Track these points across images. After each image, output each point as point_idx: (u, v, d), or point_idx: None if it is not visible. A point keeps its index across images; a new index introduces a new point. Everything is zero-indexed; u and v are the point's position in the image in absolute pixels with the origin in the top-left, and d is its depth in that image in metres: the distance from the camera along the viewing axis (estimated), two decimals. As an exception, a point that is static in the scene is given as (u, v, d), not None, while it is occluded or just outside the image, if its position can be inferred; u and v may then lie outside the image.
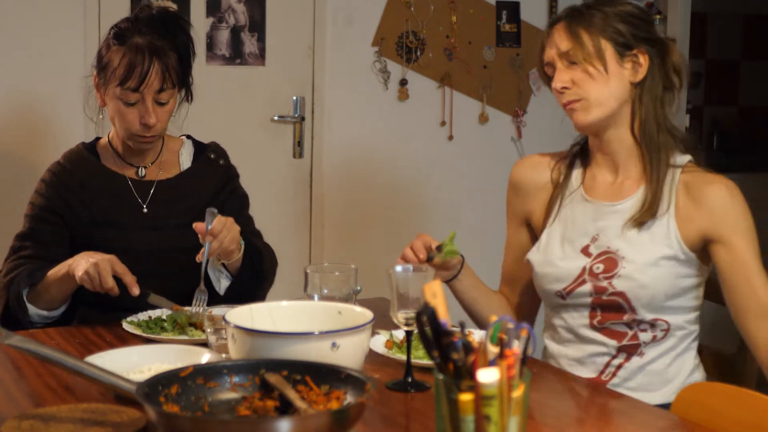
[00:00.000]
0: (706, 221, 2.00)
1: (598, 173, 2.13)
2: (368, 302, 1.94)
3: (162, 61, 2.25)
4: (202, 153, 2.48)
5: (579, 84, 2.03)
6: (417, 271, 1.76)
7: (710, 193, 2.01)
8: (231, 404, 1.46)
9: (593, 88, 2.02)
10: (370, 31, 3.96)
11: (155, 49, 2.24)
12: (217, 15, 3.73)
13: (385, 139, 4.04)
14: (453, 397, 1.21)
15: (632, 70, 2.03)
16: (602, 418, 1.72)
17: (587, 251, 2.07)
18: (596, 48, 2.01)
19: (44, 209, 2.33)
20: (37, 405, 1.63)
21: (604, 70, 2.01)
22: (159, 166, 2.42)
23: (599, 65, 2.01)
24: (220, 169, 2.47)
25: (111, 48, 2.28)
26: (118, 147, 2.40)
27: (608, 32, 2.01)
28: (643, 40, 2.03)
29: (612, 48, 2.02)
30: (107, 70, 2.27)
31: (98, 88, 2.33)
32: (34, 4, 3.45)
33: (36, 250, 2.30)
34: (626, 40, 2.02)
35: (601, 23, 2.02)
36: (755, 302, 1.97)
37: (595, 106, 2.03)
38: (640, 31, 2.04)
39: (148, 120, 2.26)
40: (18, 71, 3.45)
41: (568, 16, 2.05)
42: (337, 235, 3.97)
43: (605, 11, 2.03)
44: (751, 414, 1.67)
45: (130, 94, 2.24)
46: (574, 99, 2.04)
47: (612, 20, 2.02)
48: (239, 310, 1.70)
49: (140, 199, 2.36)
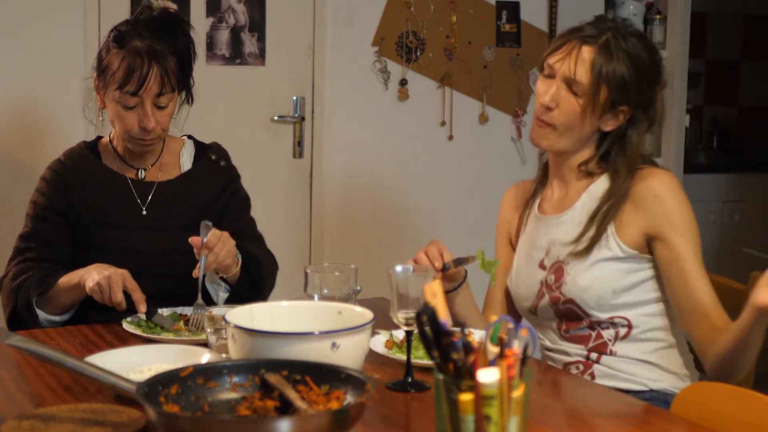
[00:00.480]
0: (643, 219, 2.02)
1: (551, 189, 2.18)
2: (368, 302, 1.94)
3: (161, 65, 2.24)
4: (204, 154, 2.47)
5: (561, 108, 2.04)
6: (417, 271, 1.76)
7: (643, 189, 2.02)
8: (231, 404, 1.46)
9: (568, 123, 2.04)
10: (370, 31, 3.96)
11: (154, 53, 2.24)
12: (217, 15, 3.73)
13: (385, 139, 4.04)
14: (453, 397, 1.21)
15: (606, 120, 2.05)
16: (602, 418, 1.72)
17: (543, 264, 2.13)
18: (603, 98, 2.01)
19: (46, 208, 2.33)
20: (37, 405, 1.63)
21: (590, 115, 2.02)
22: (159, 167, 2.42)
23: (589, 110, 2.02)
24: (221, 170, 2.47)
25: (110, 51, 2.27)
26: (118, 148, 2.40)
27: (620, 86, 2.01)
28: (635, 103, 2.04)
29: (608, 98, 2.01)
30: (107, 73, 2.27)
31: (98, 90, 2.33)
32: (34, 4, 3.45)
33: (40, 251, 2.30)
34: (624, 98, 2.02)
35: (620, 74, 2.00)
36: (693, 301, 1.98)
37: (558, 135, 2.06)
38: (640, 94, 2.03)
39: (146, 124, 2.26)
40: (18, 71, 3.45)
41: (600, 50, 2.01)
42: (337, 235, 3.97)
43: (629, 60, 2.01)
44: (751, 414, 1.67)
45: (129, 98, 2.24)
46: (548, 122, 2.06)
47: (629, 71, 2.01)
48: (239, 310, 1.70)
49: (140, 201, 2.36)
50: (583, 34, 2.04)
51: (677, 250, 1.99)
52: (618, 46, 2.01)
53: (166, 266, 2.32)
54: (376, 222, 4.04)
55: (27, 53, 3.46)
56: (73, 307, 2.25)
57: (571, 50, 2.03)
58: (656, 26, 4.39)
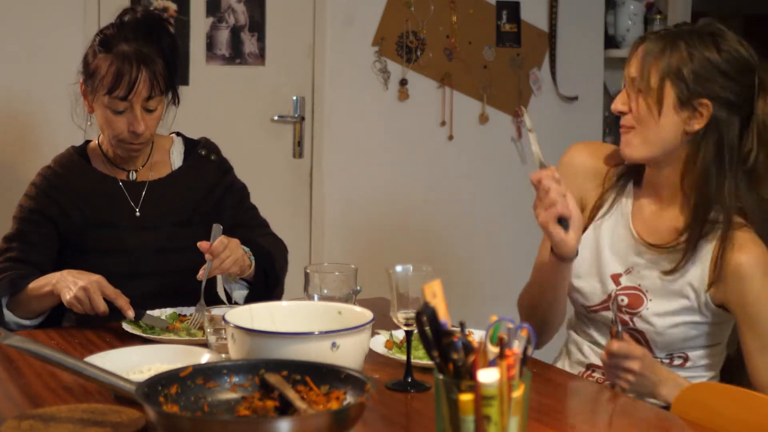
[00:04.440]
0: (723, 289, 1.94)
1: (644, 203, 2.06)
2: (368, 302, 1.94)
3: (149, 69, 2.23)
4: (193, 150, 2.47)
5: (635, 114, 1.96)
6: (417, 271, 1.76)
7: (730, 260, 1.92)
8: (231, 404, 1.46)
9: (644, 123, 1.95)
10: (370, 31, 3.96)
11: (142, 57, 2.23)
12: (217, 15, 3.73)
13: (385, 139, 4.04)
14: (453, 397, 1.21)
15: (689, 118, 1.93)
16: (602, 418, 1.72)
17: (617, 280, 2.04)
18: (659, 89, 1.92)
19: (33, 212, 2.34)
20: (37, 405, 1.63)
21: (658, 113, 1.93)
22: (150, 167, 2.42)
23: (655, 107, 1.93)
24: (212, 164, 2.46)
25: (97, 55, 2.26)
26: (108, 151, 2.40)
27: (677, 76, 1.91)
28: (714, 96, 1.91)
29: (675, 93, 1.92)
30: (95, 77, 2.26)
31: (85, 95, 2.33)
32: (34, 4, 3.45)
33: (21, 252, 2.30)
34: (693, 91, 1.91)
35: (675, 64, 1.91)
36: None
37: (641, 141, 1.96)
38: (715, 86, 1.91)
39: (137, 128, 2.25)
40: (18, 71, 3.45)
41: (654, 42, 1.94)
42: (337, 235, 3.97)
43: (691, 50, 1.91)
44: (751, 414, 1.67)
45: (119, 102, 2.24)
46: (628, 125, 1.98)
47: (688, 64, 1.90)
48: (239, 310, 1.70)
49: (132, 202, 2.36)
50: (645, 35, 2.00)
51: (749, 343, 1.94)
52: (675, 36, 1.93)
53: (162, 265, 2.34)
54: (376, 222, 4.04)
55: (27, 53, 3.45)
56: (44, 313, 2.24)
57: (632, 51, 1.99)
58: (656, 26, 4.39)
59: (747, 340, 1.94)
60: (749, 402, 1.70)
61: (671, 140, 1.95)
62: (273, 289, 2.36)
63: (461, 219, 4.15)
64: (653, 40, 1.95)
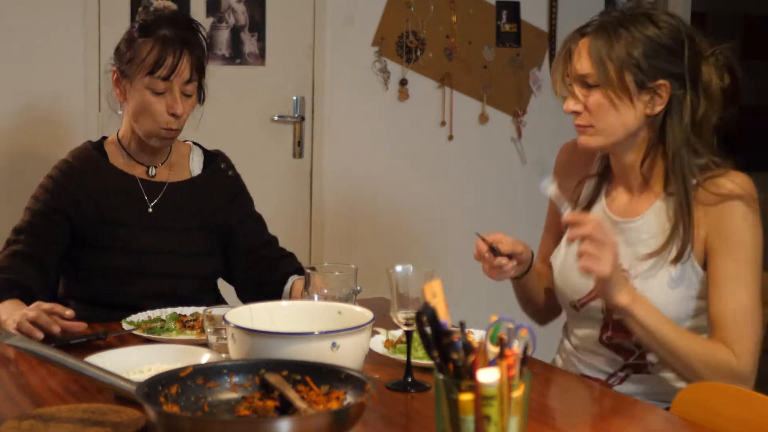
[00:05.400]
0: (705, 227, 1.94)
1: (615, 191, 2.08)
2: (368, 302, 1.94)
3: (191, 52, 2.29)
4: (213, 161, 2.49)
5: (591, 110, 1.95)
6: (417, 271, 1.76)
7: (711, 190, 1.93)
8: (231, 404, 1.46)
9: (604, 116, 1.95)
10: (370, 31, 3.96)
11: (185, 40, 2.29)
12: (217, 15, 3.73)
13: (385, 139, 4.04)
14: (453, 397, 1.21)
15: (650, 102, 1.94)
16: (602, 418, 1.72)
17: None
18: (618, 78, 1.92)
19: (46, 204, 2.33)
20: (37, 405, 1.63)
21: (620, 101, 1.93)
22: (169, 167, 2.43)
23: (615, 96, 1.93)
24: (229, 180, 2.49)
25: (136, 40, 2.29)
26: (128, 145, 2.40)
27: (631, 62, 1.91)
28: (668, 74, 1.93)
29: (632, 79, 1.92)
30: (133, 62, 2.28)
31: (118, 84, 2.34)
32: (34, 4, 3.45)
33: (27, 246, 2.29)
34: (648, 73, 1.92)
35: (625, 50, 1.91)
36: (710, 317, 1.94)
37: (602, 133, 1.97)
38: (667, 64, 1.93)
39: (176, 109, 2.28)
40: (18, 71, 3.45)
41: (596, 34, 1.94)
42: (337, 235, 3.97)
43: (634, 34, 1.91)
44: (751, 414, 1.67)
45: (160, 82, 2.27)
46: (584, 124, 1.98)
47: (637, 47, 1.91)
48: (239, 310, 1.70)
49: (147, 199, 2.37)
50: (579, 29, 2.00)
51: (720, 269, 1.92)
52: (615, 25, 1.93)
53: (168, 267, 2.34)
54: (376, 222, 4.04)
55: (27, 53, 3.45)
56: None
57: (571, 49, 1.99)
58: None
59: (722, 266, 1.91)
60: (749, 402, 1.70)
61: (634, 126, 1.96)
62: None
63: (461, 219, 4.14)
64: (594, 33, 1.95)
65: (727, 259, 1.91)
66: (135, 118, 2.33)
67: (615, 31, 1.93)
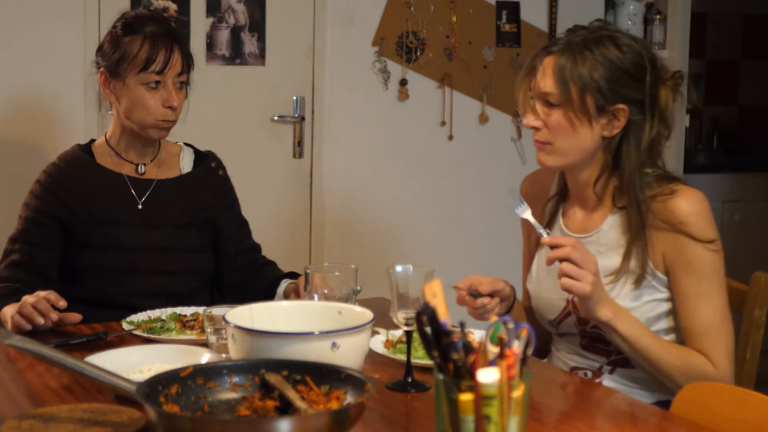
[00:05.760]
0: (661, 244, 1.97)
1: (571, 210, 2.12)
2: (368, 302, 1.94)
3: (180, 46, 2.34)
4: (203, 160, 2.51)
5: (551, 128, 1.98)
6: (417, 271, 1.76)
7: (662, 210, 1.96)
8: (231, 404, 1.46)
9: (563, 135, 1.98)
10: (370, 31, 3.96)
11: (174, 35, 2.34)
12: (217, 15, 3.73)
13: (385, 139, 4.04)
14: (453, 397, 1.21)
15: (607, 125, 1.97)
16: (602, 418, 1.72)
17: None
18: (580, 99, 1.95)
19: (37, 211, 2.35)
20: (37, 405, 1.63)
21: (579, 122, 1.96)
22: (158, 165, 2.44)
23: (575, 117, 1.96)
24: (219, 179, 2.51)
25: (123, 39, 2.32)
26: (117, 144, 2.42)
27: (593, 85, 1.93)
28: (628, 99, 1.96)
29: (593, 102, 1.95)
30: (124, 60, 2.31)
31: (106, 84, 2.35)
32: (34, 4, 3.45)
33: (23, 255, 2.32)
34: (608, 97, 1.94)
35: (588, 73, 1.93)
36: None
37: (559, 153, 2.00)
38: (627, 89, 1.95)
39: (172, 101, 2.32)
40: (18, 71, 3.45)
41: (561, 54, 1.97)
42: (337, 235, 3.97)
43: (597, 57, 1.94)
44: (751, 414, 1.67)
45: (153, 77, 2.30)
46: (543, 141, 2.01)
47: (599, 70, 1.93)
48: (239, 310, 1.70)
49: (137, 197, 2.38)
50: (545, 47, 2.03)
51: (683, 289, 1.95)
52: (580, 46, 1.96)
53: (160, 263, 2.36)
54: (376, 222, 4.04)
55: (27, 53, 3.45)
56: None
57: (536, 66, 2.01)
58: (656, 26, 4.39)
59: (684, 286, 1.94)
60: (749, 402, 1.70)
61: (591, 147, 1.99)
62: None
63: (461, 219, 4.15)
64: (559, 52, 1.97)
65: (687, 278, 1.95)
66: (129, 114, 2.35)
67: (580, 53, 1.95)
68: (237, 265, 2.48)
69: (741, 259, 4.33)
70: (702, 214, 1.95)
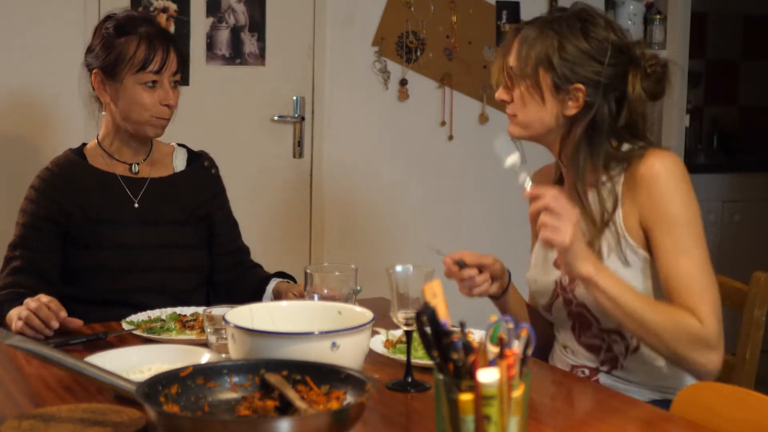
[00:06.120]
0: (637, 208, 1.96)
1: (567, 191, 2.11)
2: (368, 302, 1.94)
3: (176, 45, 2.37)
4: (196, 159, 2.54)
5: (515, 101, 2.05)
6: (417, 271, 1.76)
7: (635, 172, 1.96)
8: (231, 404, 1.46)
9: (522, 109, 2.04)
10: (370, 31, 3.96)
11: (168, 36, 2.37)
12: (217, 15, 3.73)
13: (385, 139, 4.04)
14: (453, 397, 1.21)
15: (564, 103, 2.01)
16: (602, 418, 1.72)
17: (557, 264, 2.07)
18: (533, 76, 2.00)
19: (34, 216, 2.36)
20: (37, 405, 1.63)
21: (531, 97, 2.01)
22: (151, 164, 2.46)
23: (527, 92, 2.01)
24: (212, 178, 2.54)
25: (117, 40, 2.33)
26: (110, 145, 2.43)
27: (551, 63, 1.98)
28: (584, 80, 1.98)
29: (549, 80, 1.99)
30: (120, 61, 2.32)
31: (101, 86, 2.36)
32: (35, 4, 3.45)
33: (24, 261, 2.33)
34: (563, 76, 1.98)
35: (544, 51, 1.99)
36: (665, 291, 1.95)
37: (522, 124, 2.06)
38: (584, 70, 1.98)
39: (169, 100, 2.34)
40: (18, 71, 3.45)
41: (527, 31, 2.04)
42: (337, 235, 3.97)
43: (560, 37, 1.99)
44: (751, 414, 1.67)
45: (151, 77, 2.32)
46: (510, 113, 2.07)
47: (558, 50, 1.98)
48: (239, 310, 1.70)
49: (132, 196, 2.39)
50: (520, 24, 2.10)
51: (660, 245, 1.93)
52: (546, 25, 2.02)
53: (158, 261, 2.37)
54: (376, 222, 4.04)
55: (27, 53, 3.46)
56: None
57: (508, 41, 2.08)
58: (656, 26, 4.39)
59: (661, 242, 1.93)
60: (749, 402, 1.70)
61: (550, 123, 2.04)
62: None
63: (461, 219, 4.15)
64: (527, 29, 2.05)
65: (665, 234, 1.93)
66: (126, 114, 2.36)
67: (543, 31, 2.02)
68: (226, 265, 2.50)
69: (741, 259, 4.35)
70: (672, 170, 1.95)
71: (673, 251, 1.92)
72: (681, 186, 1.94)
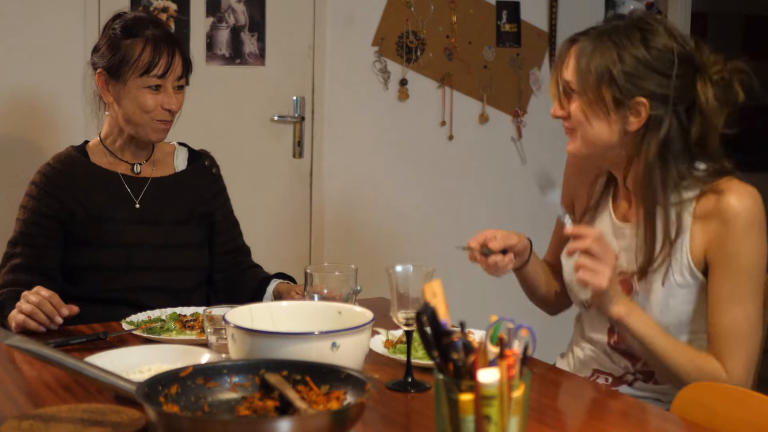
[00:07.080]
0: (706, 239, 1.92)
1: (621, 194, 2.07)
2: (368, 302, 1.94)
3: (181, 50, 2.36)
4: (197, 158, 2.54)
5: (573, 116, 1.94)
6: (417, 271, 1.76)
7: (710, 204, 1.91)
8: (231, 404, 1.46)
9: (581, 125, 1.94)
10: (370, 31, 3.96)
11: (174, 39, 2.36)
12: (217, 15, 3.73)
13: (385, 139, 4.04)
14: (453, 397, 1.21)
15: (628, 119, 1.91)
16: (602, 418, 1.72)
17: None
18: (595, 90, 1.90)
19: (35, 212, 2.35)
20: (37, 405, 1.63)
21: (593, 113, 1.92)
22: (153, 163, 2.46)
23: (589, 108, 1.92)
24: (212, 177, 2.54)
25: (123, 42, 2.32)
26: (112, 144, 2.43)
27: (610, 77, 1.88)
28: (648, 93, 1.89)
29: (610, 94, 1.90)
30: (125, 63, 2.32)
31: (105, 86, 2.36)
32: (35, 4, 3.45)
33: (25, 258, 2.32)
34: (626, 91, 1.89)
35: (606, 65, 1.88)
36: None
37: (582, 141, 1.96)
38: (648, 83, 1.89)
39: (171, 105, 2.34)
40: (18, 71, 3.45)
41: (584, 42, 1.92)
42: (337, 235, 3.97)
43: (620, 49, 1.88)
44: (751, 414, 1.67)
45: (155, 80, 2.32)
46: (568, 127, 1.98)
47: (619, 64, 1.88)
48: (239, 310, 1.70)
49: (133, 195, 2.40)
50: (573, 35, 1.98)
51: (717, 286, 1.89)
52: (605, 36, 1.91)
53: (158, 260, 2.37)
54: (376, 222, 4.04)
55: (27, 53, 3.45)
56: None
57: (563, 54, 1.97)
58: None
59: (719, 283, 1.89)
60: (749, 402, 1.70)
61: (611, 140, 1.94)
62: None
63: (461, 219, 4.15)
64: (583, 41, 1.93)
65: (725, 277, 1.89)
66: (128, 116, 2.36)
67: (602, 43, 1.90)
68: (225, 264, 2.51)
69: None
70: (751, 212, 1.89)
71: (727, 298, 1.88)
72: (755, 233, 1.89)
